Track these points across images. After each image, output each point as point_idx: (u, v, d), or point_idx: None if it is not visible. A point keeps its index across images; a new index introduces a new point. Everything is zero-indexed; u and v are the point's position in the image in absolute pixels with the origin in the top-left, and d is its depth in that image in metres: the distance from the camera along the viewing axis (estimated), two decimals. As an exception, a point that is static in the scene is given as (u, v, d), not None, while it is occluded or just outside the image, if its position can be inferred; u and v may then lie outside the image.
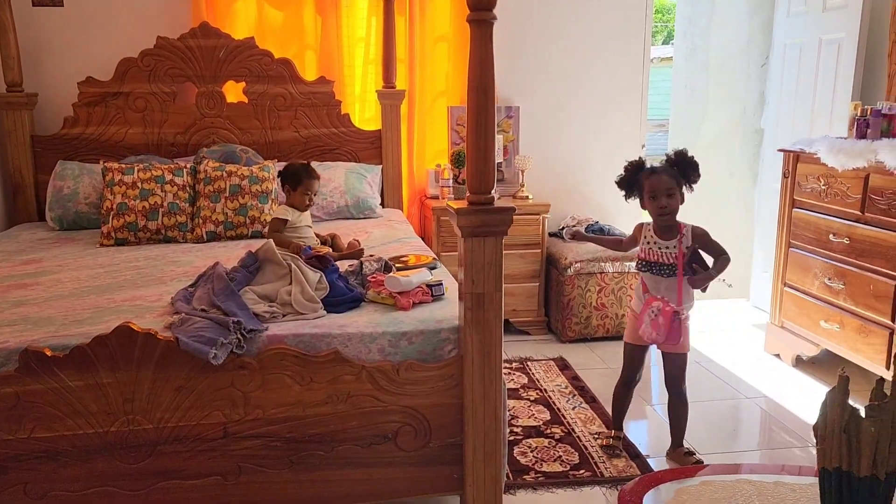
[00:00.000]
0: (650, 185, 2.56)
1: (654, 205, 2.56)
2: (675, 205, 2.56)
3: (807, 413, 3.18)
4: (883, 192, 3.04)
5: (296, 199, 2.98)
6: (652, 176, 2.56)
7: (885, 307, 3.03)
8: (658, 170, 2.57)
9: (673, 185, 2.54)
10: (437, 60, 4.25)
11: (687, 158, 2.57)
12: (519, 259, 4.08)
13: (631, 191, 2.64)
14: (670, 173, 2.55)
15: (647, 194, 2.57)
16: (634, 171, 2.61)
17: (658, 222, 2.60)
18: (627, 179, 2.63)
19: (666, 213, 2.55)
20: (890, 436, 1.47)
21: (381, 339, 2.08)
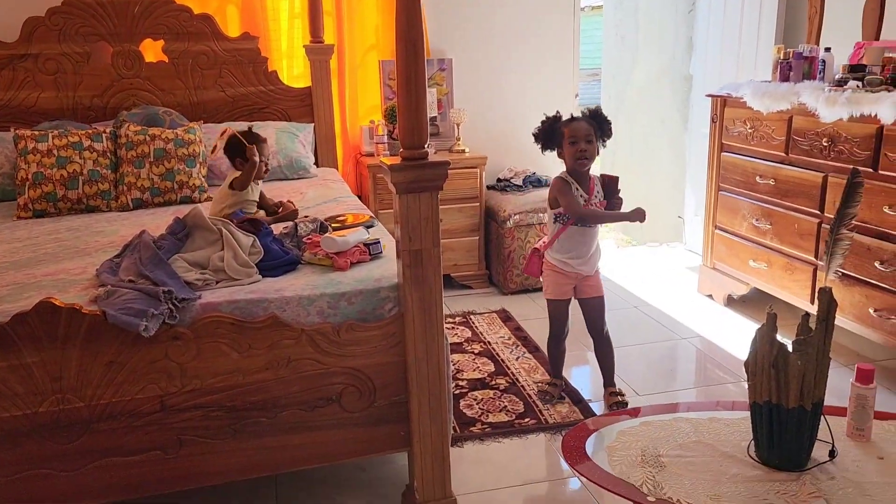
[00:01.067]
0: (570, 132, 2.62)
1: (573, 149, 2.62)
2: (592, 150, 2.63)
3: (738, 350, 3.31)
4: (805, 133, 3.12)
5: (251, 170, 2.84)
6: (572, 123, 2.65)
7: (809, 244, 3.15)
8: (577, 118, 2.67)
9: (591, 132, 2.62)
10: (367, 13, 4.14)
11: (602, 115, 2.68)
12: (458, 213, 4.07)
13: (548, 142, 2.70)
14: (589, 122, 2.65)
15: (566, 140, 2.63)
16: (553, 122, 2.68)
17: (576, 167, 2.65)
18: (545, 131, 2.69)
19: (584, 157, 2.61)
20: (815, 368, 1.54)
21: (319, 302, 2.04)
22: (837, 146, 2.95)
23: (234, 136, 2.84)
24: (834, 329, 1.58)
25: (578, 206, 2.64)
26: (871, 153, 2.79)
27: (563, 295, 2.78)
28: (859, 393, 1.68)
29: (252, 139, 2.81)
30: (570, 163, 2.65)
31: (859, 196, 1.63)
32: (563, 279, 2.75)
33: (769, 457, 1.60)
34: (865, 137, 2.81)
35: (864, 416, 1.68)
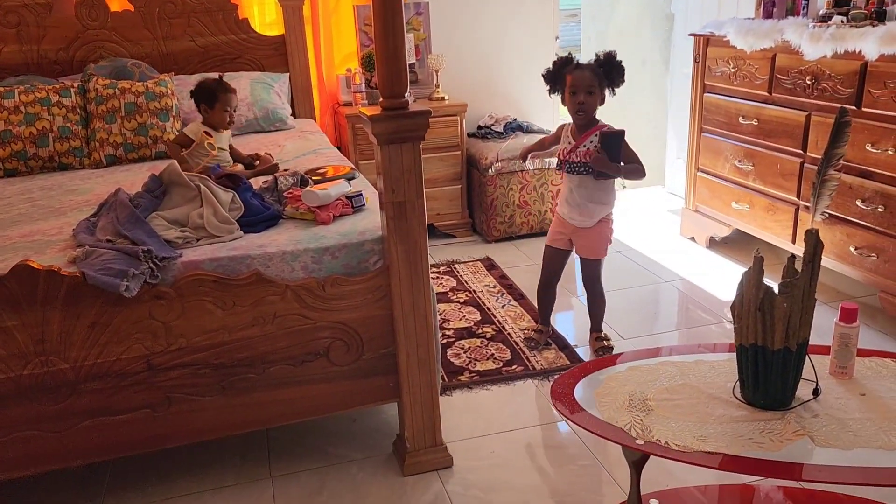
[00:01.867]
0: (572, 80, 2.55)
1: (572, 100, 2.57)
2: (592, 102, 2.57)
3: (720, 291, 3.34)
4: (789, 71, 3.09)
5: (215, 118, 2.79)
6: (575, 71, 2.56)
7: (791, 184, 3.16)
8: (583, 66, 2.57)
9: (594, 83, 2.54)
10: (339, -45, 4.00)
11: (615, 61, 2.55)
12: (439, 162, 4.03)
13: (555, 86, 2.64)
14: (594, 71, 2.55)
15: (567, 89, 2.57)
16: (562, 66, 2.60)
17: (574, 119, 2.61)
18: (554, 73, 2.62)
19: (582, 109, 2.56)
20: (801, 310, 1.54)
21: (303, 257, 2.02)
22: (821, 84, 2.92)
23: (203, 82, 2.79)
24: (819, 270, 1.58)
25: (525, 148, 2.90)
26: (854, 90, 2.77)
27: (554, 242, 2.77)
28: (843, 332, 1.69)
29: (222, 88, 2.76)
30: (570, 112, 2.62)
31: (847, 136, 1.62)
32: (558, 226, 2.76)
33: (754, 397, 1.62)
34: (849, 74, 2.78)
35: (846, 355, 1.71)
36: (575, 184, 2.64)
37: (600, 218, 2.67)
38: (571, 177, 2.65)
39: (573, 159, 2.62)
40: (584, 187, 2.62)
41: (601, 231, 2.68)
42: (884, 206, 2.70)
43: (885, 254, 2.73)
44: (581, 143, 2.60)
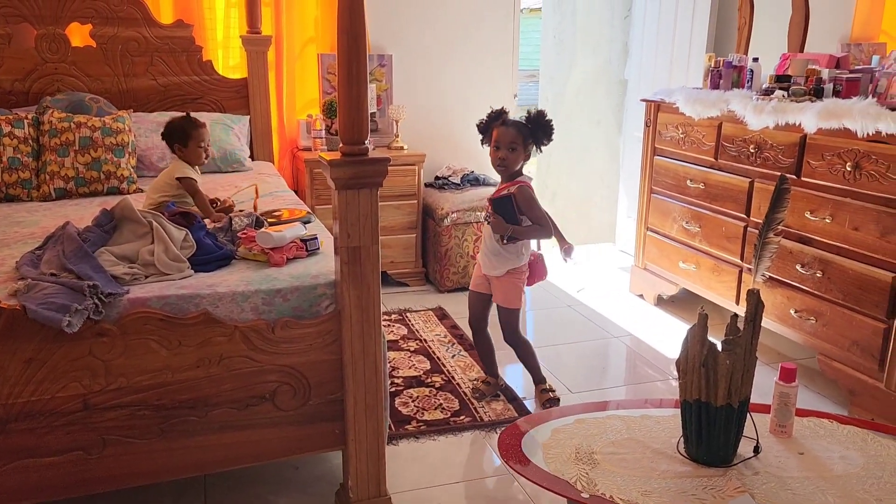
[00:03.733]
0: (497, 136, 2.64)
1: (495, 155, 2.66)
2: (514, 158, 2.63)
3: (667, 348, 3.40)
4: (733, 139, 3.23)
5: (190, 155, 2.74)
6: (501, 127, 2.64)
7: (735, 247, 3.26)
8: (509, 123, 2.65)
9: (517, 140, 2.62)
10: (306, 5, 4.07)
11: (543, 121, 2.63)
12: (395, 210, 4.05)
13: (485, 136, 2.73)
14: (519, 129, 2.63)
15: (492, 143, 2.67)
16: (491, 120, 2.70)
17: (496, 171, 2.74)
18: (484, 126, 2.72)
19: (502, 164, 2.65)
20: (743, 367, 1.59)
21: (254, 298, 2.00)
22: (764, 153, 3.06)
23: (173, 121, 2.76)
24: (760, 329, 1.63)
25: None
26: (794, 160, 2.91)
27: (474, 286, 2.85)
28: (782, 391, 1.74)
29: (193, 125, 2.74)
30: (493, 165, 2.72)
31: (786, 202, 1.70)
32: (478, 270, 2.83)
33: (698, 453, 1.65)
34: (790, 145, 2.92)
35: (786, 414, 1.75)
36: (487, 233, 2.73)
37: (508, 269, 2.71)
38: (485, 225, 2.74)
39: (487, 209, 2.72)
40: (493, 237, 2.69)
41: (511, 281, 2.72)
42: (822, 271, 2.81)
43: (823, 317, 2.83)
44: (498, 193, 2.68)
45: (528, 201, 2.64)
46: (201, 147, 2.75)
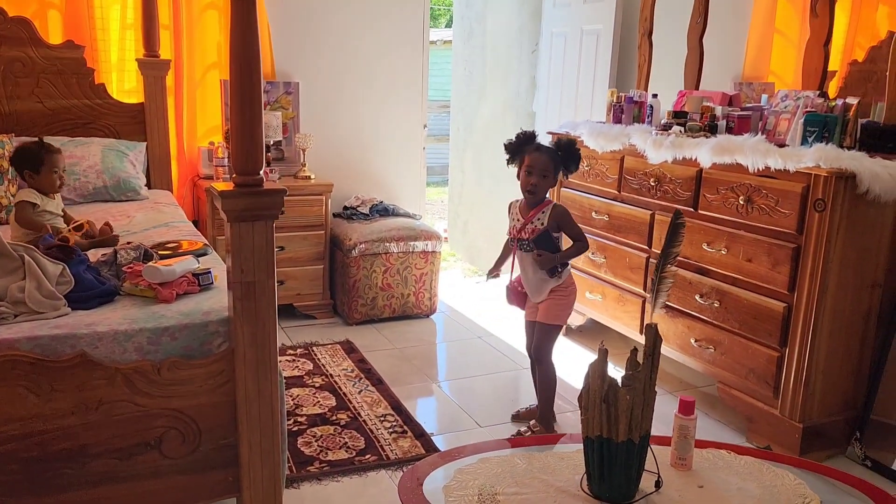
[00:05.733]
0: (530, 161, 2.66)
1: (526, 180, 2.67)
2: (544, 185, 2.67)
3: (575, 378, 3.41)
4: (635, 172, 3.31)
5: (44, 182, 2.58)
6: (535, 152, 2.66)
7: (639, 277, 3.33)
8: (542, 149, 2.68)
9: (550, 167, 2.64)
10: (208, 29, 3.94)
11: (573, 149, 2.68)
12: (302, 241, 3.94)
13: (514, 158, 2.73)
14: (552, 155, 2.66)
15: (524, 167, 2.67)
16: (523, 143, 2.71)
17: (525, 197, 2.72)
18: (514, 147, 2.72)
19: (533, 191, 2.66)
20: (643, 402, 1.58)
21: (138, 337, 1.86)
22: (663, 186, 3.15)
23: (24, 146, 2.61)
24: (659, 363, 1.64)
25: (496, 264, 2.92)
26: (692, 193, 3.00)
27: (527, 315, 2.88)
28: (681, 424, 1.75)
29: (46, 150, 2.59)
30: (521, 188, 2.72)
31: (682, 236, 1.72)
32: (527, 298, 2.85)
33: (600, 490, 1.63)
34: (687, 179, 3.02)
35: (685, 446, 1.76)
36: (528, 264, 2.72)
37: (550, 289, 2.73)
38: (522, 254, 2.73)
39: (523, 236, 2.70)
40: (532, 264, 2.70)
41: (555, 300, 2.74)
42: (719, 301, 2.89)
43: (721, 346, 2.91)
44: (530, 220, 2.68)
45: (569, 219, 2.71)
46: (55, 173, 2.61)
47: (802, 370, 2.60)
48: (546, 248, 2.67)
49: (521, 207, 2.76)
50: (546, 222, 2.67)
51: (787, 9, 3.25)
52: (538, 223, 2.68)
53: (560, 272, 2.72)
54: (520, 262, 2.77)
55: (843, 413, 2.72)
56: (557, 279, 2.72)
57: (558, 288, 2.74)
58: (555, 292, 2.74)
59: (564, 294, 2.76)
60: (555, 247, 2.71)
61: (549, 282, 2.72)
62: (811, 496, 1.66)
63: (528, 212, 2.71)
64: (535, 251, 2.67)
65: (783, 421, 2.67)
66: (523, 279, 2.78)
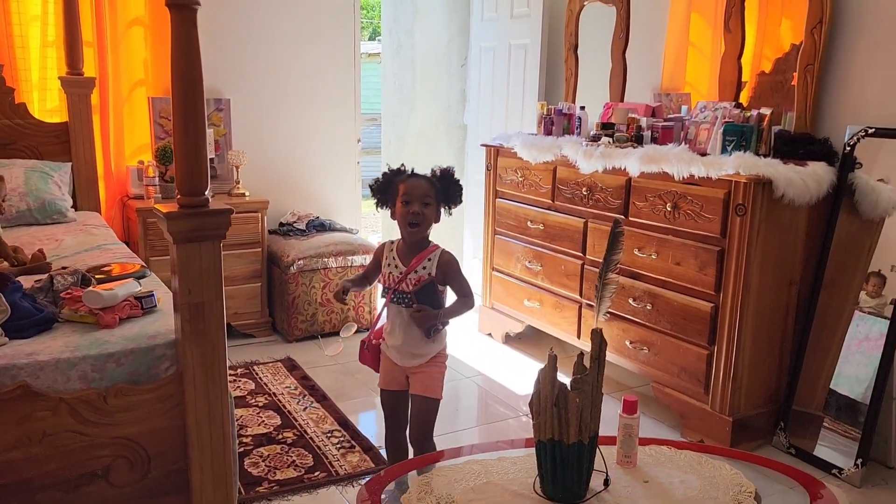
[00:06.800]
0: (406, 189, 2.19)
1: (405, 211, 2.18)
2: (429, 215, 2.20)
3: (517, 385, 3.49)
4: (567, 182, 3.43)
5: None
6: (410, 179, 2.23)
7: (574, 284, 3.44)
8: (419, 176, 2.25)
9: (431, 193, 2.20)
10: (134, 46, 3.86)
11: (452, 178, 2.27)
12: (238, 259, 3.89)
13: (385, 196, 2.26)
14: (431, 182, 2.23)
15: (400, 198, 2.20)
16: (393, 175, 2.26)
17: (406, 234, 2.22)
18: (384, 182, 2.26)
19: (417, 221, 2.17)
20: (591, 404, 1.65)
21: (82, 365, 1.82)
22: (595, 195, 3.27)
23: None
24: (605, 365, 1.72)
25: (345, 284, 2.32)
26: (622, 201, 3.13)
27: (384, 382, 2.35)
28: (626, 423, 1.83)
29: None
30: (400, 226, 2.22)
31: (621, 244, 1.81)
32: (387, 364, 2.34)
33: (553, 491, 1.69)
34: (617, 188, 3.15)
35: (630, 444, 1.84)
36: (401, 321, 2.22)
37: (433, 355, 2.27)
38: (397, 308, 2.24)
39: (403, 288, 2.20)
40: (409, 321, 2.21)
41: (437, 368, 2.29)
42: (651, 304, 3.02)
43: (654, 347, 3.04)
44: (413, 268, 2.19)
45: (458, 270, 2.25)
46: None
47: (730, 366, 2.74)
48: (428, 302, 2.20)
49: (399, 251, 2.25)
50: (434, 272, 2.20)
51: (699, 23, 3.44)
52: (424, 272, 2.19)
53: (438, 333, 2.25)
54: (391, 317, 2.26)
55: (768, 405, 2.88)
56: (435, 342, 2.25)
57: (440, 355, 2.29)
58: (436, 359, 2.27)
59: (443, 360, 2.31)
60: (438, 302, 2.24)
61: (427, 345, 2.24)
62: (747, 484, 1.76)
63: (409, 257, 2.21)
64: (415, 306, 2.19)
65: (714, 415, 2.81)
66: (392, 338, 2.26)
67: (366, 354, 2.40)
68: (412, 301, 2.19)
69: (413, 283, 2.19)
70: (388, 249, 2.28)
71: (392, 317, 2.26)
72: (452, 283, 2.25)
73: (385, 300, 2.27)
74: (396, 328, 2.25)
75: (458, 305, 2.25)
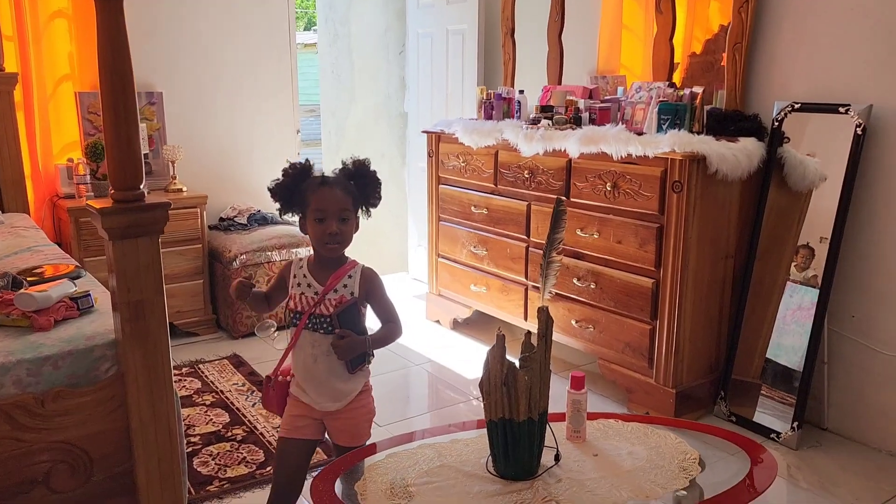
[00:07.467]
0: (318, 203, 1.84)
1: (320, 229, 1.84)
2: (348, 231, 1.87)
3: (466, 370, 3.52)
4: (509, 166, 3.46)
5: None
6: (322, 188, 1.85)
7: (520, 266, 3.48)
8: (331, 181, 1.87)
9: (348, 203, 1.86)
10: (57, 39, 3.71)
11: (369, 172, 1.91)
12: (178, 256, 3.80)
13: (290, 203, 1.89)
14: (347, 189, 1.87)
15: (312, 213, 1.85)
16: (299, 179, 1.88)
17: (323, 252, 1.88)
18: (287, 186, 1.88)
19: (336, 241, 1.85)
20: (540, 381, 1.68)
21: (16, 370, 1.75)
22: (537, 177, 3.30)
23: None
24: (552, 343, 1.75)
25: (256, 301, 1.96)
26: (563, 183, 3.17)
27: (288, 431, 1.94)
28: (574, 399, 1.87)
29: None
30: (314, 244, 1.89)
31: (564, 223, 1.84)
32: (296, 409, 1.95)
33: (505, 469, 1.71)
34: (558, 169, 3.18)
35: (579, 420, 1.88)
36: (318, 348, 1.86)
37: (360, 391, 1.94)
38: (313, 336, 1.86)
39: (322, 311, 1.85)
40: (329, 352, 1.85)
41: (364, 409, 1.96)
42: (595, 283, 3.08)
43: (599, 325, 3.10)
44: (332, 287, 1.86)
45: (382, 289, 1.93)
46: None
47: (672, 340, 2.82)
48: (351, 327, 1.85)
49: (311, 269, 1.90)
50: (356, 290, 1.88)
51: (632, 6, 3.50)
52: (346, 291, 1.86)
53: (365, 365, 1.92)
54: (304, 348, 1.87)
55: (708, 376, 2.98)
56: (360, 376, 1.92)
57: (365, 391, 1.95)
58: (360, 399, 1.93)
59: (369, 400, 1.98)
60: (362, 327, 1.89)
61: (351, 380, 1.90)
62: (691, 452, 1.82)
63: (325, 275, 1.87)
64: (337, 331, 1.83)
65: (658, 388, 2.89)
66: (304, 374, 1.89)
67: (271, 395, 1.96)
68: (333, 326, 1.84)
69: (333, 304, 1.84)
70: (296, 267, 1.92)
71: (305, 348, 1.87)
72: (376, 303, 1.93)
73: (295, 328, 1.88)
74: (312, 361, 1.87)
75: (386, 332, 1.94)
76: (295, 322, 1.89)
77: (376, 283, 1.93)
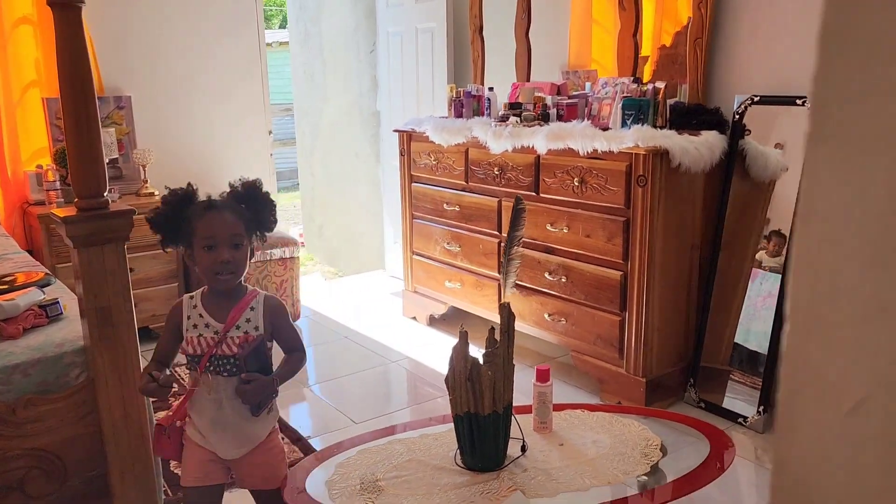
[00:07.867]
0: (205, 230, 1.65)
1: (210, 257, 1.65)
2: (242, 258, 1.68)
3: (442, 365, 3.53)
4: (480, 163, 3.49)
5: None
6: (209, 213, 1.67)
7: (493, 262, 3.52)
8: (218, 205, 1.69)
9: (240, 229, 1.68)
10: (23, 45, 3.69)
11: (260, 193, 1.74)
12: (152, 261, 3.80)
13: (175, 234, 1.70)
14: (237, 212, 1.69)
15: (200, 241, 1.66)
16: (181, 205, 1.70)
17: (216, 285, 1.69)
18: (168, 214, 1.70)
19: (229, 270, 1.66)
20: (503, 376, 1.72)
21: (-15, 379, 1.76)
22: (507, 174, 3.35)
23: None
24: (515, 338, 1.79)
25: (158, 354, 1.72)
26: (532, 179, 3.21)
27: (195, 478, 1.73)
28: (540, 391, 1.91)
29: None
30: (204, 276, 1.69)
31: (523, 221, 1.88)
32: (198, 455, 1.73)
33: (472, 462, 1.75)
34: (527, 166, 3.23)
35: (545, 411, 1.93)
36: (225, 392, 1.66)
37: (269, 432, 1.75)
38: (215, 381, 1.66)
39: (224, 352, 1.65)
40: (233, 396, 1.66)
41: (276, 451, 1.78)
42: (566, 276, 3.13)
43: (571, 318, 3.15)
44: (234, 322, 1.66)
45: (287, 316, 1.77)
46: None
47: (641, 330, 2.88)
48: (257, 366, 1.66)
49: (206, 305, 1.70)
50: (261, 324, 1.69)
51: (601, 1, 3.55)
52: (250, 326, 1.68)
53: (270, 405, 1.73)
54: (205, 394, 1.68)
55: (678, 364, 3.04)
56: (272, 415, 1.76)
57: (274, 431, 1.78)
58: (270, 440, 1.75)
59: (278, 440, 1.81)
60: (269, 364, 1.71)
61: (258, 423, 1.71)
62: (654, 438, 1.87)
63: (224, 311, 1.68)
64: (243, 376, 1.64)
65: (629, 378, 2.95)
66: (209, 422, 1.68)
67: (165, 443, 1.73)
68: (240, 368, 1.64)
69: (237, 343, 1.65)
70: (187, 307, 1.71)
71: (206, 393, 1.67)
72: (281, 333, 1.75)
73: (194, 373, 1.68)
74: (217, 408, 1.67)
75: (292, 365, 1.74)
76: (193, 367, 1.68)
77: (280, 312, 1.75)
